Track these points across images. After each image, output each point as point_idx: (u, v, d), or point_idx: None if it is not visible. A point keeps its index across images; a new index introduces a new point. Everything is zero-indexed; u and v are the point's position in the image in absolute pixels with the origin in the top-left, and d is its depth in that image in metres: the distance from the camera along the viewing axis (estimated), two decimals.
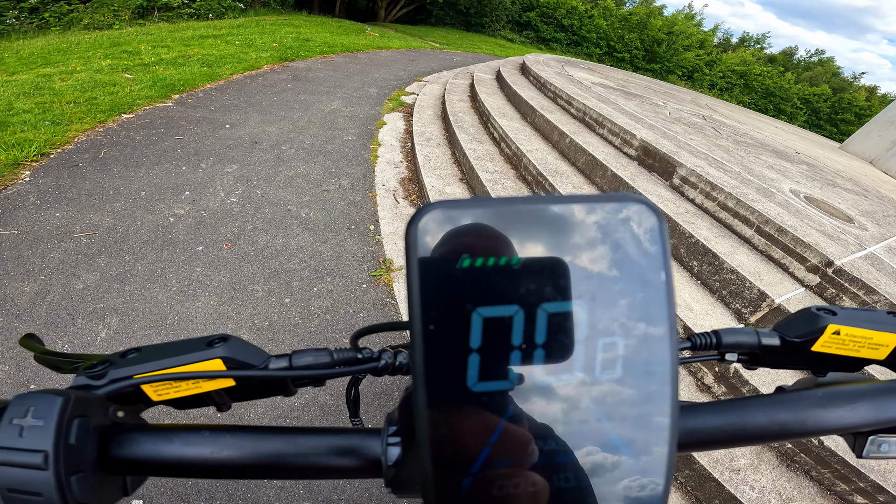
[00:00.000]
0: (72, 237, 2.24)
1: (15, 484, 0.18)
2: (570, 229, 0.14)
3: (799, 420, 0.22)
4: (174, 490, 1.35)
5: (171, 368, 0.23)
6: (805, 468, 1.45)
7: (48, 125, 3.24)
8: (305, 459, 0.21)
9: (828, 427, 0.22)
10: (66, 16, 8.44)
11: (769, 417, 0.22)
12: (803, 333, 0.27)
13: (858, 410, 0.22)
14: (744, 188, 2.41)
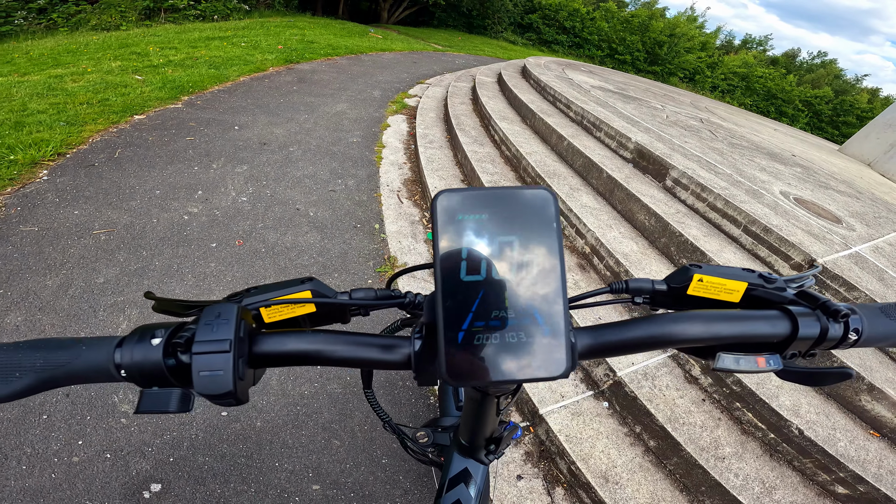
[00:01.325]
0: (91, 234, 2.34)
1: (206, 365, 0.27)
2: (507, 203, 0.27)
3: (663, 333, 0.32)
4: (191, 474, 1.43)
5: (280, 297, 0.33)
6: (787, 458, 1.52)
7: (63, 125, 3.35)
8: (364, 353, 0.32)
9: (679, 337, 0.32)
10: (73, 17, 8.56)
11: (644, 332, 0.33)
12: (680, 281, 0.38)
13: (696, 326, 0.33)
14: (733, 190, 2.50)
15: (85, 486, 1.35)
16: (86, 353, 0.30)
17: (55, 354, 0.30)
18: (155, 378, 0.29)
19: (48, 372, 0.29)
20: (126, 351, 0.29)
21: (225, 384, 0.27)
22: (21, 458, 1.38)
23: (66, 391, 1.58)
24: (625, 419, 1.67)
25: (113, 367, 0.29)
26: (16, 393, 0.29)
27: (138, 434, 1.51)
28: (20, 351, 0.30)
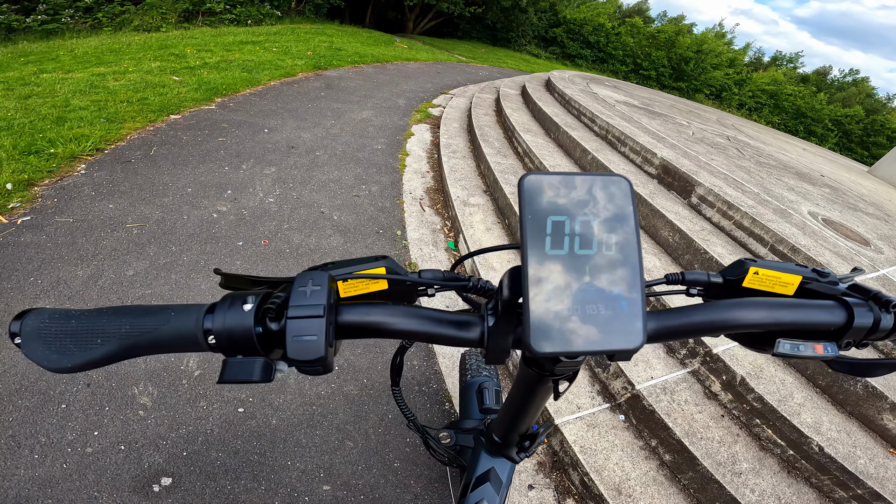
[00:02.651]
0: (124, 227, 2.42)
1: (300, 330, 0.28)
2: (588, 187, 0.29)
3: (726, 318, 0.34)
4: (203, 469, 1.43)
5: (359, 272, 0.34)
6: (805, 475, 1.50)
7: (103, 122, 3.49)
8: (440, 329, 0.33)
9: (742, 322, 0.34)
10: (118, 16, 8.94)
11: (708, 316, 0.34)
12: (735, 274, 0.39)
13: (758, 312, 0.34)
14: (761, 208, 2.47)
15: (95, 477, 1.35)
16: (174, 319, 0.30)
17: (142, 320, 0.29)
18: (242, 346, 0.29)
19: (133, 339, 0.29)
20: (218, 317, 0.29)
21: (318, 350, 0.27)
22: (34, 447, 1.38)
23: (87, 381, 1.60)
24: (640, 433, 1.65)
25: (201, 334, 0.29)
26: (95, 360, 0.29)
27: (154, 427, 1.51)
28: (104, 317, 0.29)
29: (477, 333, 0.32)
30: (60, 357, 0.28)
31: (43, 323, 0.29)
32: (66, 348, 0.28)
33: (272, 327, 0.29)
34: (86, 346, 0.28)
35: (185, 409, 1.59)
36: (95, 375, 1.63)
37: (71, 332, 0.29)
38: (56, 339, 0.28)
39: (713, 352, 1.71)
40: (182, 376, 1.70)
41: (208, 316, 0.30)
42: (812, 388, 1.70)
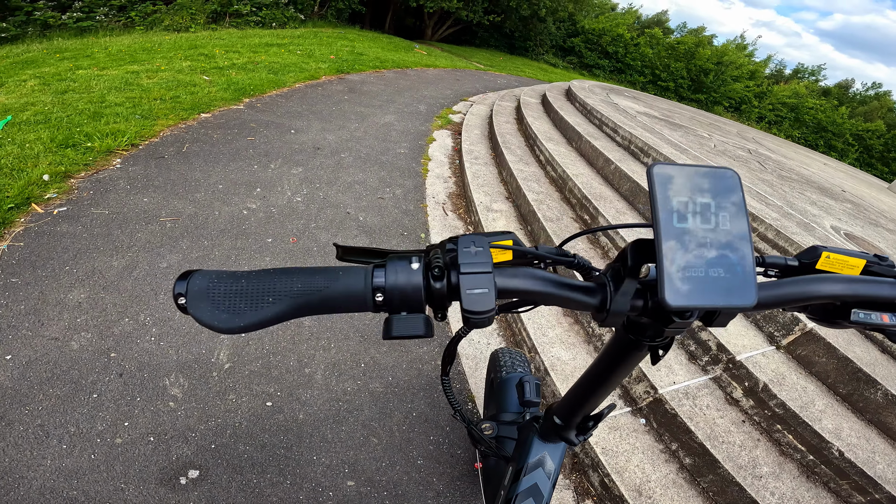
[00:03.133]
0: (157, 220, 2.49)
1: (474, 284, 0.31)
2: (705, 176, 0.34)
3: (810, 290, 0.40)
4: (230, 462, 1.44)
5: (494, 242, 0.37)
6: (824, 479, 1.53)
7: (138, 119, 3.60)
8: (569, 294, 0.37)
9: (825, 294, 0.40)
10: (149, 16, 9.19)
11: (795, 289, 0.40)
12: (809, 258, 0.45)
13: (839, 285, 0.40)
14: (785, 221, 2.46)
15: (123, 469, 1.35)
16: (343, 277, 0.32)
17: (313, 279, 0.31)
18: (409, 302, 0.32)
19: (304, 297, 0.31)
20: (390, 274, 0.31)
21: (490, 302, 0.30)
22: (63, 437, 1.39)
23: (120, 371, 1.63)
24: (661, 436, 1.68)
25: (370, 292, 0.31)
26: (266, 319, 0.30)
27: (184, 419, 1.53)
28: (275, 277, 0.31)
29: (598, 299, 0.37)
30: (231, 317, 0.30)
31: (211, 283, 0.31)
32: (237, 308, 0.30)
33: (435, 286, 0.32)
34: (257, 305, 0.30)
35: (215, 401, 1.62)
36: (128, 365, 1.66)
37: (241, 291, 0.30)
38: (226, 298, 0.30)
39: (736, 359, 1.73)
40: (212, 368, 1.74)
41: (378, 273, 0.32)
42: (833, 395, 1.72)
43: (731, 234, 0.32)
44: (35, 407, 1.47)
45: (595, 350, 2.00)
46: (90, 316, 1.84)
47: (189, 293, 0.30)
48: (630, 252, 0.35)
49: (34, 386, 1.53)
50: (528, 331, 2.03)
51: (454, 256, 0.33)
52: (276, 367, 1.81)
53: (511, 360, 1.25)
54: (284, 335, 1.96)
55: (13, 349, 1.65)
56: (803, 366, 1.81)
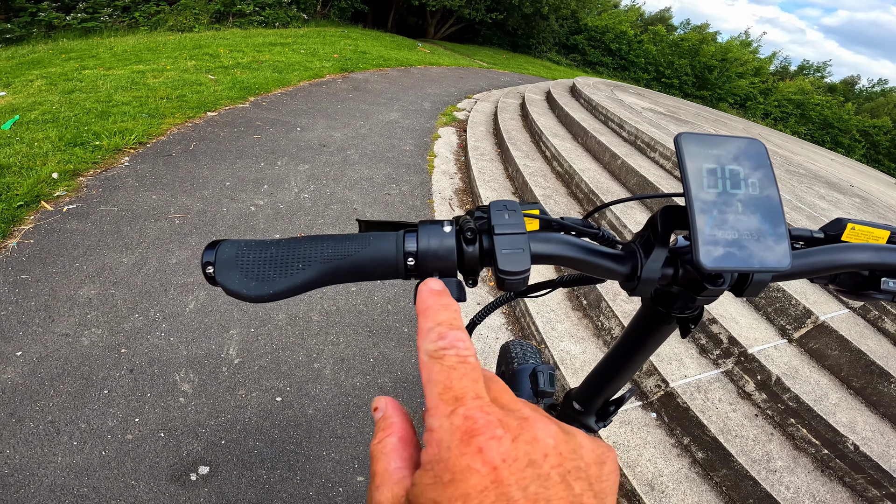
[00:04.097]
0: (167, 217, 2.50)
1: (509, 244, 0.30)
2: (732, 145, 0.34)
3: (838, 258, 0.39)
4: (240, 458, 1.44)
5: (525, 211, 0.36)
6: (839, 473, 1.52)
7: (145, 117, 3.62)
8: (600, 261, 0.36)
9: (853, 262, 0.40)
10: (153, 16, 9.24)
11: (824, 257, 0.39)
12: (835, 230, 0.45)
13: (866, 254, 0.40)
14: (794, 214, 2.45)
15: (133, 465, 1.34)
16: (374, 242, 0.31)
17: (343, 244, 0.30)
18: (442, 266, 0.31)
19: (335, 262, 0.30)
20: (423, 237, 0.31)
21: (525, 261, 0.30)
22: (73, 434, 1.38)
23: (131, 366, 1.63)
24: (673, 430, 1.67)
25: (402, 257, 0.30)
26: (297, 286, 0.29)
27: (194, 414, 1.53)
28: (304, 243, 0.30)
29: (628, 267, 0.36)
30: (260, 284, 0.29)
31: (240, 251, 0.30)
32: (267, 275, 0.29)
33: (468, 250, 0.32)
34: (287, 272, 0.29)
35: (225, 396, 1.61)
36: (139, 361, 1.66)
37: (271, 258, 0.30)
38: (255, 266, 0.29)
39: (748, 352, 1.72)
40: (222, 364, 1.73)
41: (409, 237, 0.31)
42: (846, 389, 1.70)
43: (763, 199, 0.32)
44: (46, 403, 1.47)
45: (605, 344, 1.99)
46: (100, 312, 1.84)
47: (217, 262, 0.29)
48: (660, 219, 0.35)
49: (45, 382, 1.53)
50: (536, 324, 2.02)
51: (484, 222, 0.33)
52: (285, 363, 1.80)
53: (522, 351, 1.24)
54: (293, 330, 1.96)
55: (24, 345, 1.65)
56: (816, 359, 1.79)
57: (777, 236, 0.31)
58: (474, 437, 0.19)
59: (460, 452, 0.19)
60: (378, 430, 0.24)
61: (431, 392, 0.21)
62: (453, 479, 0.18)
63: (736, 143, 0.34)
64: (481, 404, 0.20)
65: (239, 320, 1.94)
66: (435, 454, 0.20)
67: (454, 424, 0.20)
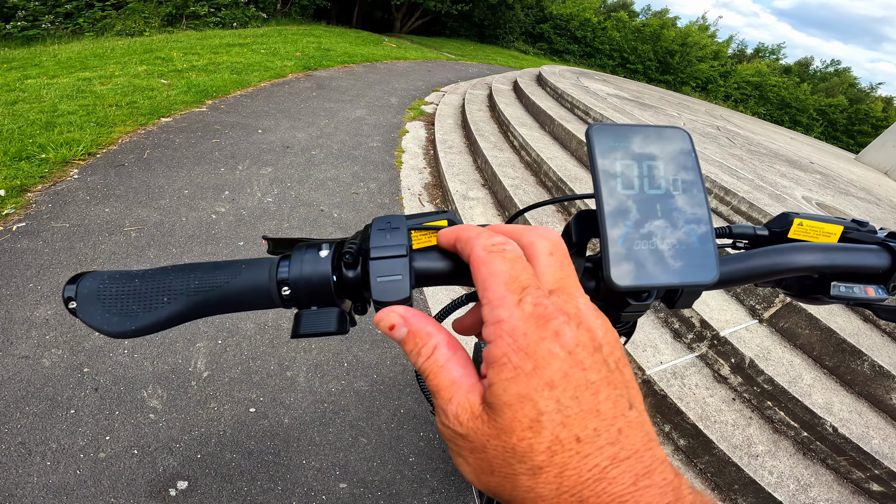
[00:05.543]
0: (122, 231, 2.38)
1: (384, 271, 0.26)
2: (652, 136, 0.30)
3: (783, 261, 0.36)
4: (218, 471, 1.42)
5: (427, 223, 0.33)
6: (821, 456, 1.52)
7: (93, 126, 3.44)
8: None
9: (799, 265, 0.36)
10: (99, 21, 8.81)
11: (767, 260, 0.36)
12: (780, 226, 0.41)
13: (814, 255, 0.36)
14: (756, 193, 2.50)
15: (111, 483, 1.33)
16: (246, 271, 0.28)
17: (211, 275, 0.28)
18: (318, 296, 0.28)
19: (202, 294, 0.28)
20: (294, 265, 0.28)
21: (403, 290, 0.26)
22: (46, 454, 1.37)
23: (95, 385, 1.58)
24: (653, 418, 1.67)
25: (275, 286, 0.28)
26: (161, 321, 0.27)
27: (166, 430, 1.50)
28: (170, 274, 0.28)
29: None
30: (123, 319, 0.27)
31: (102, 284, 0.27)
32: (129, 309, 0.27)
33: (348, 275, 0.28)
34: (151, 305, 0.27)
35: (196, 410, 1.58)
36: (103, 380, 1.61)
37: (134, 292, 0.27)
38: (117, 300, 0.27)
39: (720, 335, 1.73)
40: (191, 378, 1.68)
41: (283, 265, 0.28)
42: (820, 369, 1.72)
43: (685, 200, 0.29)
44: (14, 425, 1.42)
45: None
46: (59, 332, 1.77)
47: (79, 296, 0.27)
48: (574, 226, 0.31)
49: (10, 404, 1.48)
50: None
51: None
52: (256, 373, 1.75)
53: None
54: (263, 339, 1.90)
55: None
56: (787, 339, 1.81)
57: (702, 244, 0.28)
58: (549, 322, 0.20)
59: (539, 337, 0.19)
60: (415, 346, 0.23)
61: (496, 283, 0.21)
62: (536, 366, 0.19)
63: (657, 133, 0.30)
64: (544, 294, 0.21)
65: (205, 332, 1.87)
66: (510, 344, 0.19)
67: (526, 312, 0.20)
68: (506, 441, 0.19)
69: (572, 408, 0.19)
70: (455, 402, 0.21)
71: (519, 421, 0.19)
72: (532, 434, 0.19)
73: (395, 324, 0.24)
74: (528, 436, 0.19)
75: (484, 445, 0.20)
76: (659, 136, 0.30)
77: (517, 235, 0.25)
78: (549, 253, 0.24)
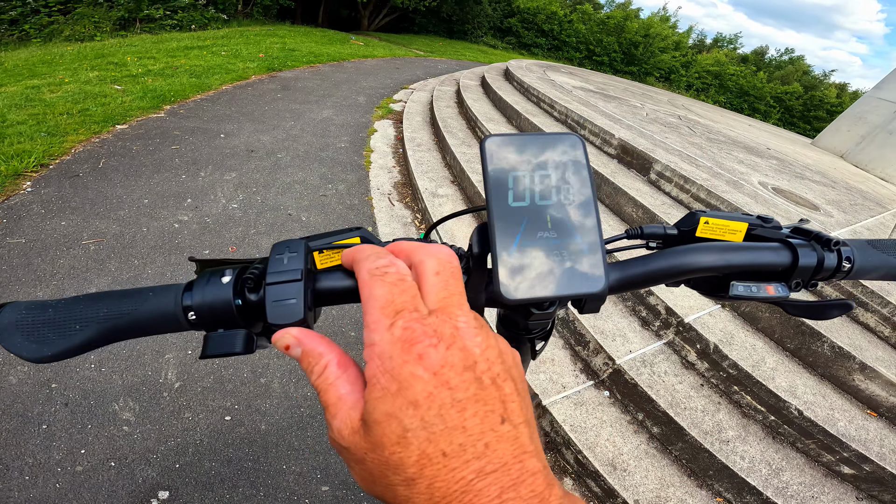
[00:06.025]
0: (80, 244, 2.30)
1: (279, 295, 0.27)
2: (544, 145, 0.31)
3: (682, 263, 0.36)
4: (198, 480, 1.42)
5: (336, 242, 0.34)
6: (790, 440, 1.55)
7: (44, 136, 3.28)
8: None
9: (697, 266, 0.36)
10: (46, 27, 8.38)
11: (666, 263, 0.37)
12: (688, 225, 0.42)
13: (711, 255, 0.37)
14: (715, 181, 2.59)
15: (91, 495, 1.33)
16: (153, 298, 0.30)
17: (119, 303, 0.30)
18: (223, 319, 0.29)
19: (111, 322, 0.29)
20: (197, 292, 0.29)
21: (297, 312, 0.27)
22: (23, 469, 1.36)
23: (65, 400, 1.57)
24: (627, 407, 1.70)
25: (181, 312, 0.29)
26: (76, 347, 0.29)
27: (142, 441, 1.50)
28: (80, 303, 0.30)
29: None
30: (40, 346, 0.28)
31: (20, 315, 0.29)
32: (45, 337, 0.29)
33: (251, 298, 0.30)
34: (64, 333, 0.29)
35: (171, 421, 1.58)
36: (72, 395, 1.60)
37: (49, 321, 0.29)
38: (34, 329, 0.29)
39: (685, 321, 1.78)
40: (162, 389, 1.67)
41: (187, 292, 0.30)
42: (782, 351, 1.77)
43: (576, 210, 0.29)
44: None
45: None
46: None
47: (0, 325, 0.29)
48: (475, 240, 0.32)
49: None
50: None
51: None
52: (229, 381, 1.74)
53: None
54: None
55: None
56: (749, 322, 1.86)
57: (591, 253, 0.29)
58: (413, 346, 0.21)
59: (402, 360, 0.20)
60: (309, 365, 0.24)
61: (373, 307, 0.22)
62: (400, 387, 0.20)
63: (550, 142, 0.31)
64: (418, 316, 0.22)
65: (174, 343, 1.85)
66: (379, 366, 0.21)
67: (394, 335, 0.21)
68: (380, 454, 0.20)
69: (437, 425, 0.20)
70: (339, 417, 0.22)
71: (388, 437, 0.20)
72: (401, 449, 0.20)
73: (289, 344, 0.25)
74: (398, 450, 0.20)
75: (363, 458, 0.21)
76: (552, 146, 0.31)
77: (409, 254, 0.26)
78: (435, 273, 0.24)
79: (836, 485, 1.47)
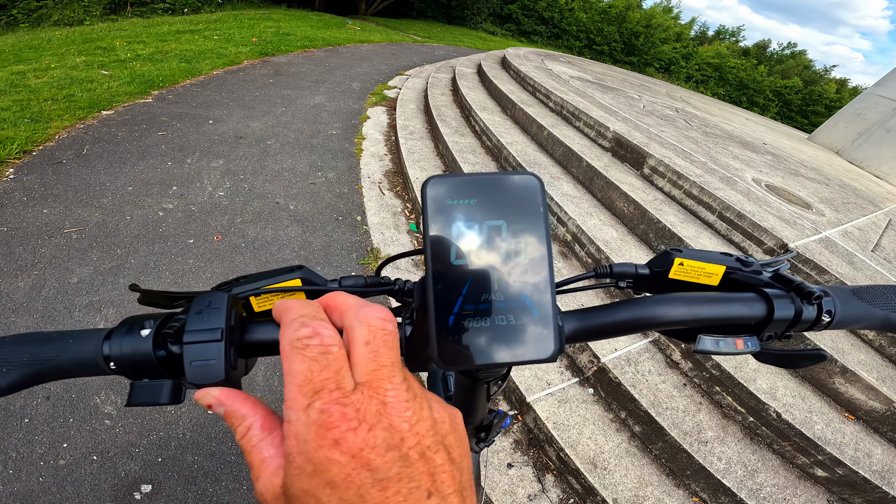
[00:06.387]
0: (62, 233, 2.26)
1: (198, 355, 0.26)
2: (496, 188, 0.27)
3: (647, 315, 0.33)
4: (181, 474, 1.43)
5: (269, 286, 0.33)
6: (767, 441, 1.56)
7: (28, 122, 3.21)
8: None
9: (662, 320, 0.33)
10: (34, 12, 8.17)
11: (629, 314, 0.34)
12: (661, 265, 0.39)
13: (678, 309, 0.34)
14: (708, 177, 2.56)
15: (74, 488, 1.33)
16: (73, 346, 0.29)
17: (42, 349, 0.29)
18: (145, 370, 0.28)
19: (35, 366, 0.29)
20: (115, 343, 0.28)
21: (217, 374, 0.26)
22: (6, 462, 1.36)
23: (46, 394, 1.56)
24: (610, 405, 1.69)
25: (102, 360, 0.29)
26: (3, 389, 0.28)
27: (124, 435, 1.49)
28: (6, 346, 0.29)
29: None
30: None
31: None
32: None
33: (174, 350, 0.28)
34: None
35: (153, 414, 1.58)
36: (54, 388, 1.59)
37: None
38: None
39: None
40: None
41: (106, 342, 0.29)
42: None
43: (526, 268, 0.26)
44: None
45: None
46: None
47: None
48: (417, 293, 0.30)
49: None
50: None
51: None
52: None
53: None
54: None
55: None
56: None
57: (542, 315, 0.26)
58: (330, 431, 0.20)
59: (317, 445, 0.20)
60: (232, 425, 0.24)
61: (291, 384, 0.21)
62: (316, 469, 0.20)
63: (504, 184, 0.27)
64: (339, 396, 0.21)
65: None
66: (294, 447, 0.20)
67: (310, 418, 0.20)
68: None
69: None
70: (262, 481, 0.22)
71: None
72: None
73: (211, 403, 0.24)
74: None
75: None
76: (506, 189, 0.27)
77: (342, 315, 0.24)
78: (364, 342, 0.23)
79: (808, 487, 1.48)
